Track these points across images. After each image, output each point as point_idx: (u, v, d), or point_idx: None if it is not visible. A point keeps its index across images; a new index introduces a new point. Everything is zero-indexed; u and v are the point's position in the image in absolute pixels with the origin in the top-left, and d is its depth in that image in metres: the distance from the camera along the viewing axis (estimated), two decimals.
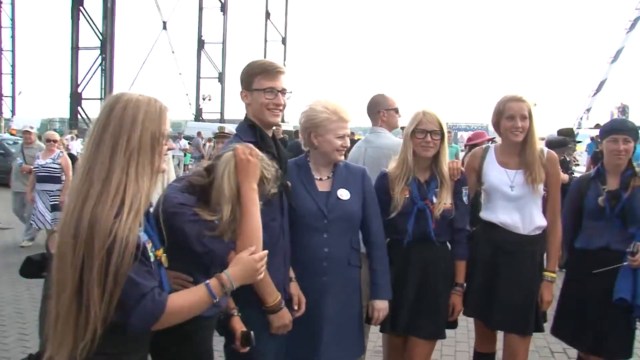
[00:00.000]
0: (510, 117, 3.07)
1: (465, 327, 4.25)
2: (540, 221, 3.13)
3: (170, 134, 2.64)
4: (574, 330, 3.33)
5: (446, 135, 3.04)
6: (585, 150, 18.90)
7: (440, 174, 3.01)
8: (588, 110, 29.49)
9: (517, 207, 3.09)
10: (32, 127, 9.71)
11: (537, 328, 3.14)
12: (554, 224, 3.17)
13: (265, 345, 2.40)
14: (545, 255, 3.21)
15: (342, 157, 2.80)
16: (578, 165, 13.12)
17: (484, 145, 3.45)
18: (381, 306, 2.85)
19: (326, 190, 2.77)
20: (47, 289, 1.99)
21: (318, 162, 2.81)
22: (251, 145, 2.18)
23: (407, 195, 2.98)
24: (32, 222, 7.72)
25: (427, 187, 3.01)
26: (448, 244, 3.09)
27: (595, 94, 29.86)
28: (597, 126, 24.20)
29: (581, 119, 29.17)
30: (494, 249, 3.11)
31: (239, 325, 2.32)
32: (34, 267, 2.06)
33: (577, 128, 28.92)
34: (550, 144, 6.45)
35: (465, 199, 3.07)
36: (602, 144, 3.31)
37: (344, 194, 2.76)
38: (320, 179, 2.80)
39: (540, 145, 3.16)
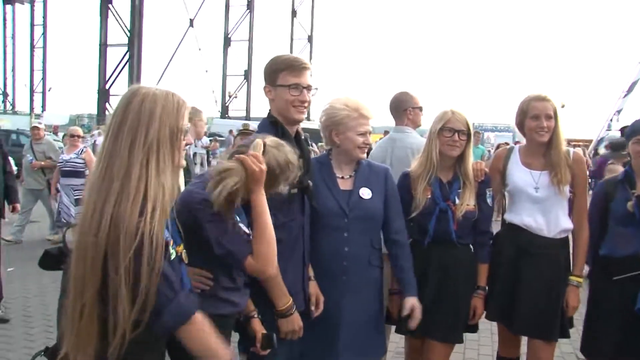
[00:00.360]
0: (534, 116, 2.99)
1: (489, 330, 4.19)
2: (566, 224, 3.04)
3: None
4: (598, 344, 3.16)
5: (472, 135, 2.99)
6: None
7: (464, 174, 2.96)
8: (619, 111, 28.80)
9: (542, 209, 3.01)
10: (40, 123, 9.86)
11: (563, 334, 3.05)
12: (581, 226, 3.07)
13: (276, 347, 2.36)
14: (571, 259, 3.10)
15: (364, 155, 2.77)
16: None
17: (508, 146, 3.38)
18: (416, 303, 2.78)
19: (348, 189, 2.74)
20: (66, 282, 2.00)
21: (340, 160, 2.78)
22: (259, 144, 2.11)
23: (429, 196, 2.93)
24: (59, 216, 7.84)
25: (449, 187, 2.96)
26: (471, 246, 3.03)
27: (626, 95, 29.14)
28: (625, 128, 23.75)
29: (611, 120, 28.53)
30: (518, 251, 3.03)
31: (259, 327, 2.29)
32: (51, 260, 2.07)
33: (607, 130, 28.30)
34: (613, 146, 6.06)
35: (489, 200, 3.01)
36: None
37: (365, 192, 2.73)
38: (342, 178, 2.77)
39: (565, 145, 3.07)
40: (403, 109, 3.70)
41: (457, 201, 2.93)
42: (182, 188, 2.40)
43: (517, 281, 3.01)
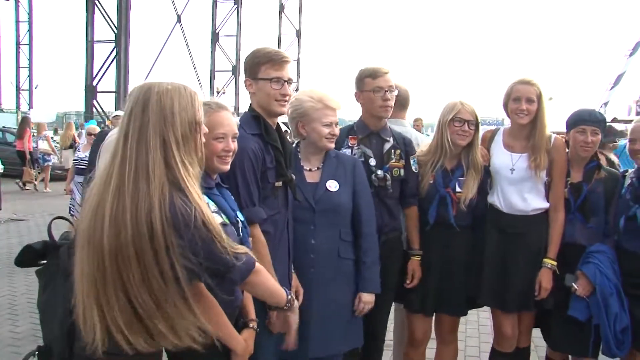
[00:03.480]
0: (516, 99, 3.10)
1: (476, 322, 4.22)
2: (540, 203, 3.12)
3: None
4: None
5: (480, 126, 3.17)
6: None
7: (472, 162, 3.13)
8: (605, 104, 29.05)
9: (517, 190, 3.11)
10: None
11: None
12: (556, 210, 3.12)
13: (266, 342, 2.36)
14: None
15: (332, 145, 2.82)
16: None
17: (494, 128, 3.48)
18: (368, 299, 2.85)
19: (315, 182, 2.79)
20: (49, 278, 1.99)
21: (308, 152, 2.84)
22: None
23: (432, 182, 3.12)
24: (71, 213, 7.83)
25: (451, 175, 3.13)
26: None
27: (612, 87, 29.41)
28: (614, 120, 23.93)
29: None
30: (500, 233, 3.14)
31: (250, 342, 2.16)
32: (33, 255, 2.03)
33: None
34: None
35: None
36: (568, 134, 3.19)
37: (332, 185, 2.78)
38: (310, 170, 2.83)
39: (548, 131, 3.13)
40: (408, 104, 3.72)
41: (457, 188, 3.09)
42: None
43: (504, 262, 3.12)
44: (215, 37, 35.19)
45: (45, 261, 2.05)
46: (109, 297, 1.65)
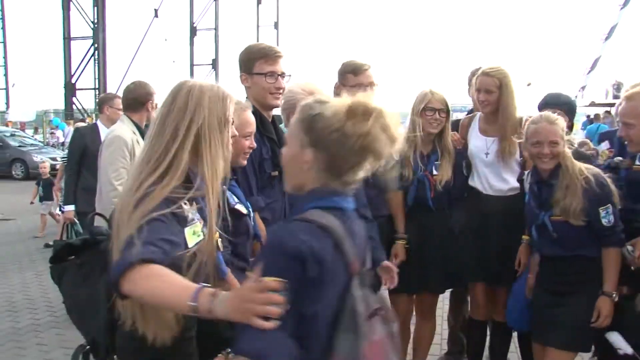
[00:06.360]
0: (477, 90, 3.30)
1: (441, 308, 4.29)
2: (515, 183, 3.27)
3: None
4: None
5: (451, 113, 3.33)
6: (581, 128, 19.03)
7: (445, 148, 3.29)
8: (583, 88, 29.43)
9: (493, 172, 3.29)
10: None
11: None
12: None
13: None
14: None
15: None
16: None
17: (471, 114, 3.64)
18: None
19: None
20: (88, 272, 1.96)
21: None
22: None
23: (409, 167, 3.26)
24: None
25: (427, 159, 3.28)
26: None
27: (589, 71, 29.76)
28: (592, 104, 24.30)
29: (576, 97, 29.17)
30: (481, 214, 3.31)
31: None
32: (69, 251, 1.98)
33: None
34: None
35: (465, 170, 3.39)
36: None
37: None
38: None
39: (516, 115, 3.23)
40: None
41: (434, 172, 3.26)
42: None
43: (485, 240, 3.29)
44: (193, 30, 34.95)
45: (72, 257, 2.03)
46: None
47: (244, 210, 2.16)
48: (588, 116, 21.99)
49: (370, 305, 1.45)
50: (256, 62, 2.64)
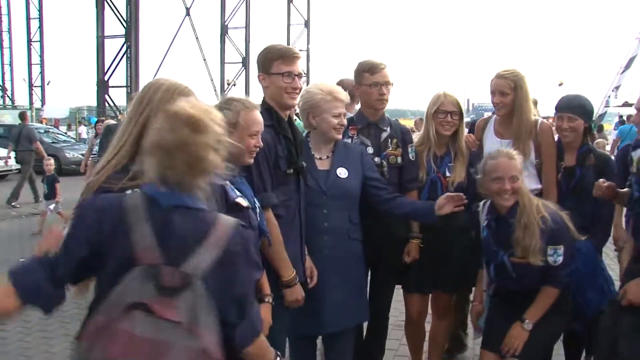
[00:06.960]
0: (492, 92, 3.29)
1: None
2: (534, 184, 3.23)
3: None
4: None
5: (464, 115, 3.32)
6: (614, 129, 18.63)
7: (458, 149, 3.29)
8: (617, 88, 28.80)
9: None
10: None
11: None
12: (549, 193, 3.25)
13: (279, 321, 2.47)
14: None
15: (340, 136, 2.98)
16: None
17: (487, 117, 3.64)
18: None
19: (326, 169, 2.97)
20: None
21: (318, 141, 3.01)
22: None
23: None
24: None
25: (440, 161, 3.30)
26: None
27: (624, 70, 29.07)
28: (625, 104, 23.74)
29: (609, 97, 28.53)
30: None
31: (268, 317, 2.23)
32: None
33: (605, 106, 28.28)
34: None
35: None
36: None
37: (342, 172, 2.96)
38: (320, 158, 3.00)
39: (531, 117, 3.24)
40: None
41: (447, 173, 3.26)
42: None
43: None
44: (224, 29, 35.26)
45: None
46: None
47: (245, 203, 2.20)
48: (621, 116, 21.51)
49: (139, 298, 1.46)
50: (274, 62, 2.70)
